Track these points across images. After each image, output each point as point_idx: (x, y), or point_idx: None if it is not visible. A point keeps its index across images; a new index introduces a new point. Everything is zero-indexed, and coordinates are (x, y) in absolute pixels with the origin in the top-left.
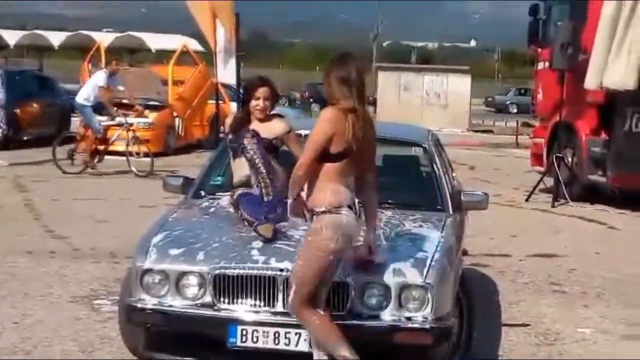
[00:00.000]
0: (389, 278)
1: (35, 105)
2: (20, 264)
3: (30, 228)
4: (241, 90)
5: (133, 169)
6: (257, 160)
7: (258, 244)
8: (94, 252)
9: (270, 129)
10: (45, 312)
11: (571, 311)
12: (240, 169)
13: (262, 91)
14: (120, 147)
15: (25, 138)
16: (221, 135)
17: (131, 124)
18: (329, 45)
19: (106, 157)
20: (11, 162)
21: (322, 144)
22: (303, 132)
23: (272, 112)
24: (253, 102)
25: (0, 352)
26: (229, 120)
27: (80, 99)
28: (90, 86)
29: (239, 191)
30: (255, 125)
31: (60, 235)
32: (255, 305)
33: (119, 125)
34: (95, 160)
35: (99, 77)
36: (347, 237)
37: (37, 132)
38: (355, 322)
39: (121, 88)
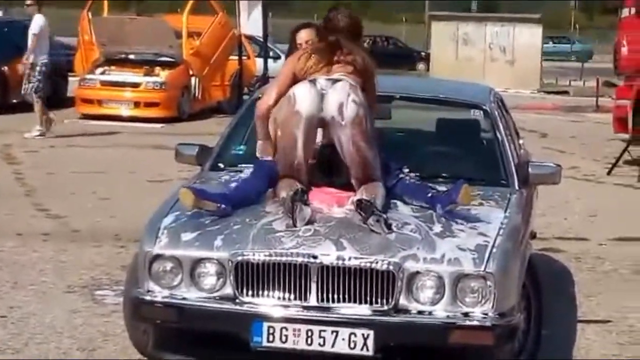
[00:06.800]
0: (442, 267)
1: (26, 62)
2: (7, 248)
3: (20, 206)
4: (270, 45)
5: None
6: None
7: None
8: (95, 234)
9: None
10: (37, 305)
11: None
12: None
13: (303, 35)
14: (117, 110)
15: (14, 101)
16: (245, 96)
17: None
18: None
19: (102, 122)
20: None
21: None
22: None
23: None
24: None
25: None
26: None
27: None
28: None
29: None
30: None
31: (56, 215)
32: (284, 298)
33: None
34: None
35: None
36: None
37: None
38: (401, 318)
39: None
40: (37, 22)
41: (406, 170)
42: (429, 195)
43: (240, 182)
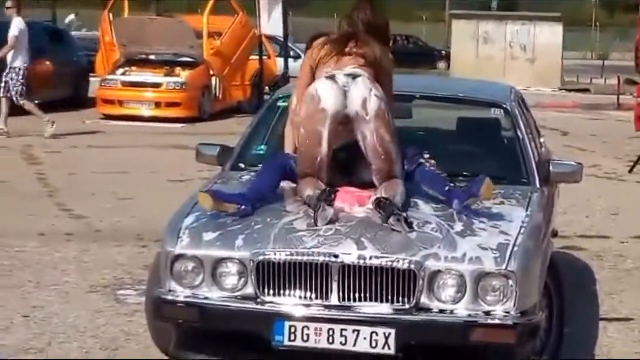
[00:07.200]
0: (463, 266)
1: (47, 63)
2: (30, 248)
3: (43, 206)
4: (290, 45)
5: None
6: None
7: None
8: (117, 234)
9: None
10: (60, 305)
11: None
12: None
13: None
14: (138, 110)
15: (36, 102)
16: (266, 96)
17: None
18: None
19: (123, 123)
20: (20, 129)
21: None
22: None
23: None
24: None
25: (8, 350)
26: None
27: None
28: None
29: None
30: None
31: (79, 215)
32: (305, 297)
33: (142, 85)
34: None
35: None
36: None
37: (50, 95)
38: (423, 317)
39: None
40: (17, 25)
41: (427, 155)
42: (447, 188)
43: (254, 179)
